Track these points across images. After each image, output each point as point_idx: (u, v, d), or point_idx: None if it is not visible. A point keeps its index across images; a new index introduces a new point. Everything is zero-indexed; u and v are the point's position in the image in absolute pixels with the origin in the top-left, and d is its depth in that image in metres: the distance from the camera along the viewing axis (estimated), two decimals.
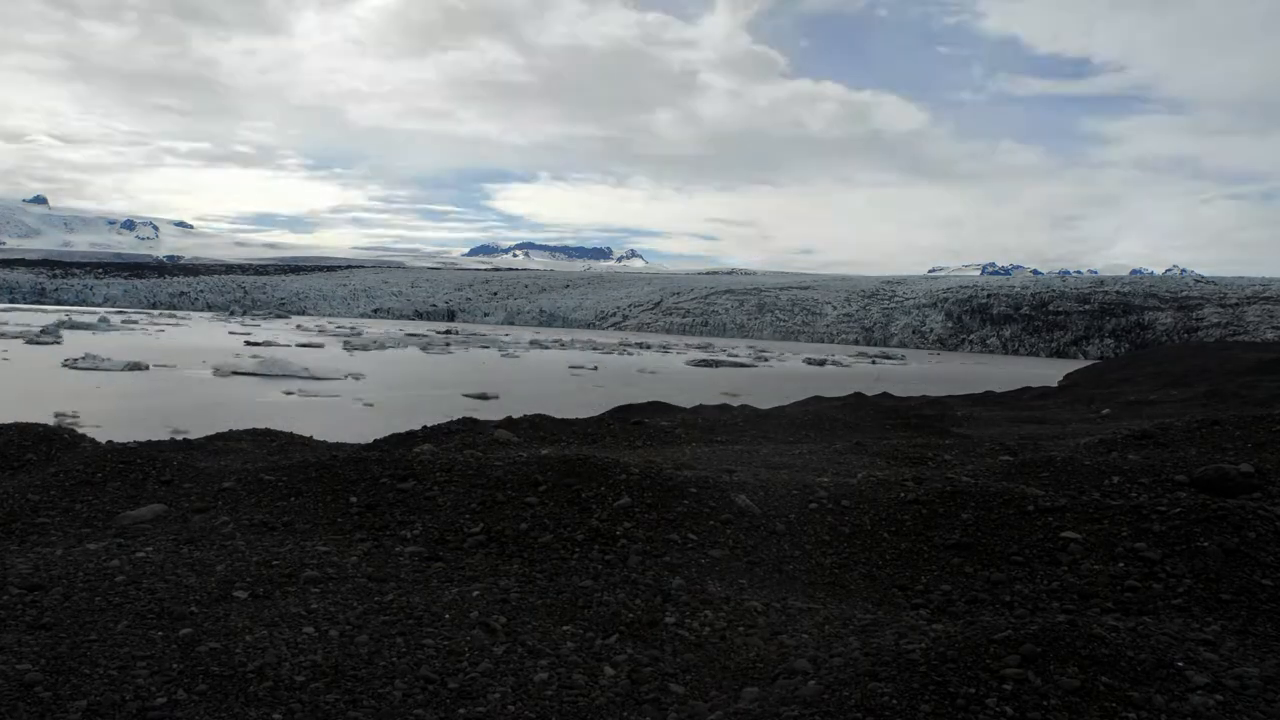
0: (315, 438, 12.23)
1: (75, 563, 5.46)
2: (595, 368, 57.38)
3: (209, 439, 10.82)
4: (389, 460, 7.54)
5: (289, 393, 33.75)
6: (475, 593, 5.21)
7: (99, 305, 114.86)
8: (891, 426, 15.57)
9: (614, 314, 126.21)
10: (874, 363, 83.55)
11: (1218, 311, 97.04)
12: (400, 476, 7.10)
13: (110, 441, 9.74)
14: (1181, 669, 3.78)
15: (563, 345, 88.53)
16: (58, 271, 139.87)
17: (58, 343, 54.84)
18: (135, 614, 4.74)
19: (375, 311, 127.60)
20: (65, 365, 40.86)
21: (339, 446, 10.56)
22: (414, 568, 5.63)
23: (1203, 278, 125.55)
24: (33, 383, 34.13)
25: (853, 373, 65.77)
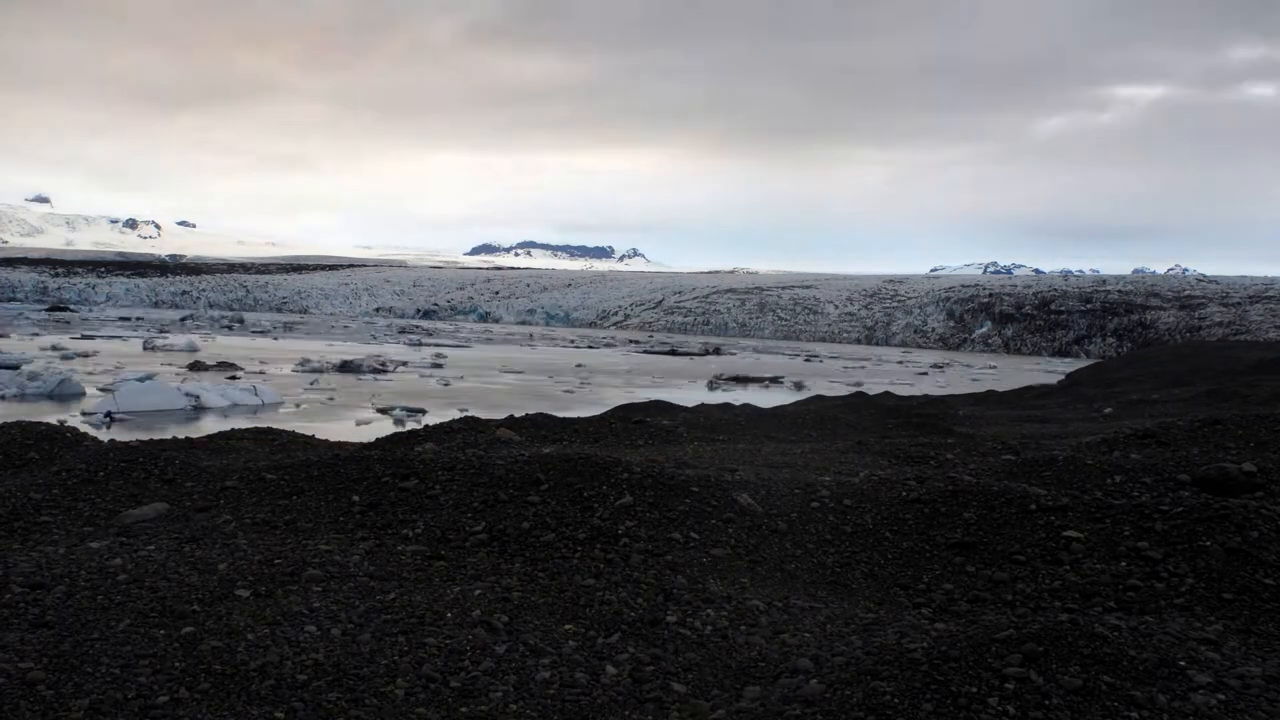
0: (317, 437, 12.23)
1: (78, 561, 5.47)
2: None
3: (211, 438, 10.82)
4: (391, 459, 7.55)
5: None
6: (477, 591, 5.22)
7: (101, 303, 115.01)
8: (893, 425, 15.56)
9: (616, 313, 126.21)
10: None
11: (1221, 310, 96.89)
12: (402, 475, 7.11)
13: (112, 440, 9.76)
14: (1184, 668, 3.78)
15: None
16: (60, 270, 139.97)
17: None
18: (137, 612, 4.75)
19: (377, 310, 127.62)
20: None
21: (341, 446, 10.56)
22: (416, 566, 5.63)
23: (1205, 276, 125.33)
24: None
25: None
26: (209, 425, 18.08)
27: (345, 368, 36.64)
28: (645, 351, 66.68)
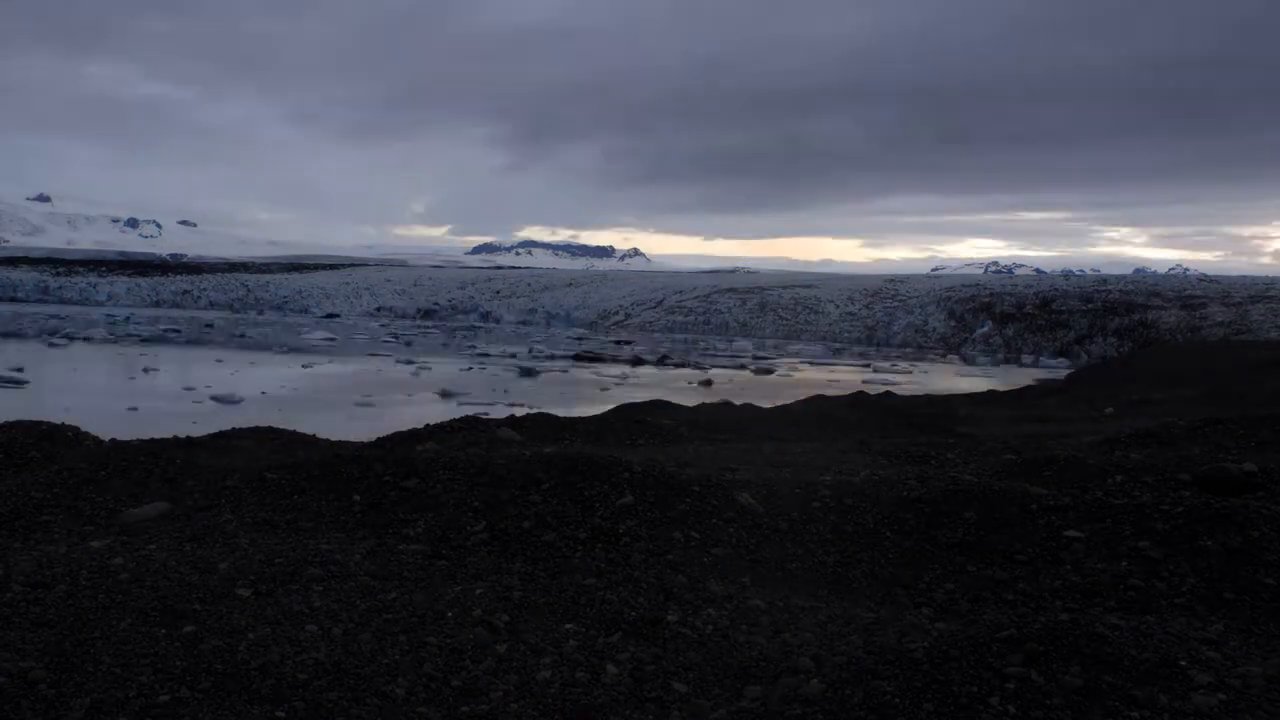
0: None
1: (79, 560, 5.47)
2: None
3: (212, 437, 10.81)
4: (392, 458, 7.55)
5: None
6: (478, 591, 5.22)
7: (103, 302, 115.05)
8: (894, 425, 15.56)
9: (616, 312, 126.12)
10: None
11: (1222, 310, 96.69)
12: (403, 475, 7.11)
13: (114, 439, 9.75)
14: (1185, 668, 3.78)
15: None
16: (61, 269, 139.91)
17: None
18: (138, 612, 4.75)
19: (378, 309, 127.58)
20: None
21: (342, 445, 10.55)
22: (417, 566, 5.63)
23: (1206, 276, 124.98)
24: None
25: None
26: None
27: None
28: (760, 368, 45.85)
